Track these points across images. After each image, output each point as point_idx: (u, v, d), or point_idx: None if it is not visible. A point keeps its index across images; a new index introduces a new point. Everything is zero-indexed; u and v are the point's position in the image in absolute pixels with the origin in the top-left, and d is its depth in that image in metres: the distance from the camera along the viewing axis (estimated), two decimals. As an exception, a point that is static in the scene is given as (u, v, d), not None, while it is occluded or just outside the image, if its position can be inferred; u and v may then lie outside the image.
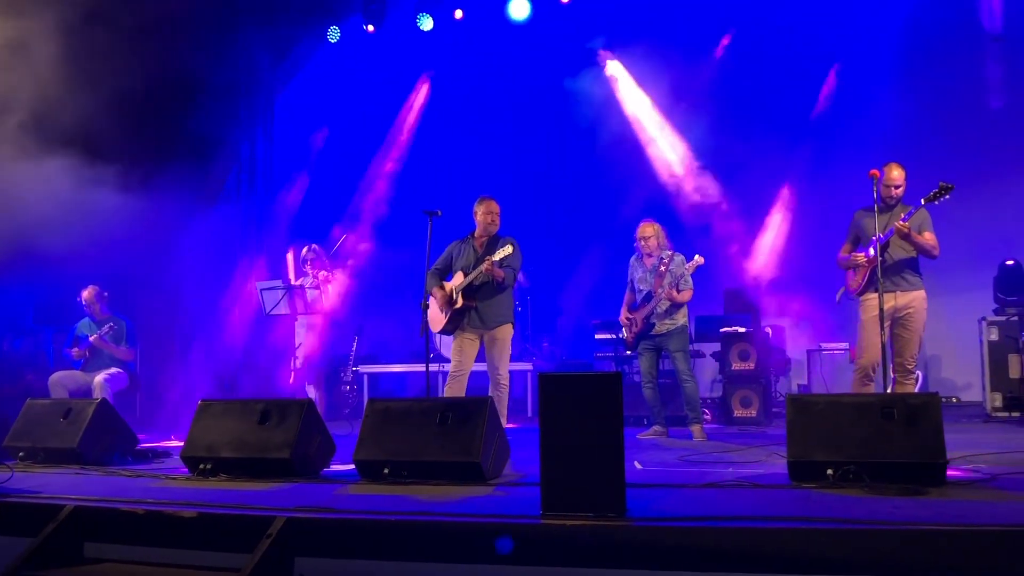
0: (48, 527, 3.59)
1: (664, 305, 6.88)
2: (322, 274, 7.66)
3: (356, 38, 11.09)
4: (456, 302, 6.37)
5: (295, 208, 11.82)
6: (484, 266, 6.20)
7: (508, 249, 6.22)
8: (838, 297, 6.20)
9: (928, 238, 5.75)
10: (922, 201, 5.65)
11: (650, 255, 7.03)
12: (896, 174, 5.79)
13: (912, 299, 5.75)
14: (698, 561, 2.96)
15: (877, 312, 5.66)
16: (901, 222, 5.60)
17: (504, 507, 3.67)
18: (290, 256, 8.01)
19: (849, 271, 6.06)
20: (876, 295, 5.66)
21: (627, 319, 7.11)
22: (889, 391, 5.56)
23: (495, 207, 6.53)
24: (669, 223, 7.62)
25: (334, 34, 11.06)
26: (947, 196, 5.58)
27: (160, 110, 9.24)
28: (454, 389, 6.39)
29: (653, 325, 6.92)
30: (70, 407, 5.64)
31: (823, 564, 2.87)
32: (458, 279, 6.47)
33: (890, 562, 2.83)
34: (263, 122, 11.43)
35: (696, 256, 6.91)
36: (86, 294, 7.71)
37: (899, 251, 5.78)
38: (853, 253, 5.99)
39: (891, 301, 5.68)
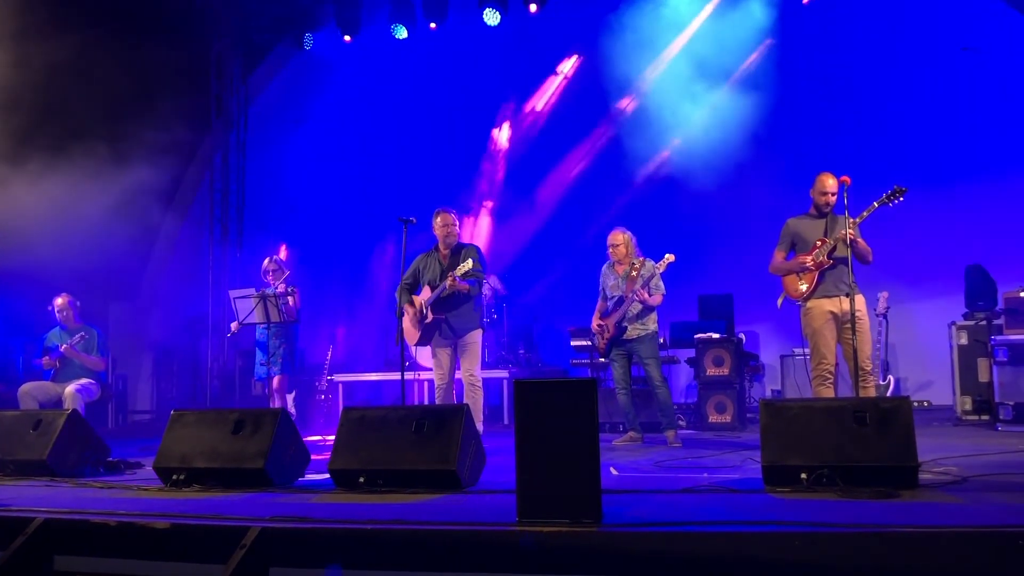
0: (17, 540, 3.52)
1: (636, 308, 6.90)
2: (281, 286, 7.66)
3: (330, 46, 11.06)
4: (427, 317, 6.61)
5: (269, 216, 11.77)
6: (447, 283, 6.40)
7: (469, 263, 6.45)
8: (779, 303, 6.24)
9: (864, 243, 5.85)
10: (875, 203, 5.72)
11: (620, 263, 7.06)
12: (831, 183, 5.93)
13: (859, 301, 5.83)
14: (674, 566, 2.97)
15: (829, 317, 5.85)
16: (850, 230, 5.68)
17: (480, 514, 3.67)
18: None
19: (789, 277, 6.11)
20: (824, 300, 5.86)
21: (599, 326, 7.12)
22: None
23: (451, 218, 6.77)
24: (646, 229, 7.65)
25: (308, 42, 11.02)
26: (900, 199, 5.65)
27: (131, 117, 9.16)
28: (445, 401, 6.66)
29: (625, 329, 6.93)
30: (40, 418, 5.55)
31: (798, 568, 2.89)
32: (426, 294, 6.72)
33: (864, 565, 2.85)
34: (236, 130, 11.36)
35: (666, 255, 6.87)
36: (59, 302, 7.60)
37: (843, 255, 5.86)
38: (799, 257, 6.03)
39: (841, 305, 5.74)
